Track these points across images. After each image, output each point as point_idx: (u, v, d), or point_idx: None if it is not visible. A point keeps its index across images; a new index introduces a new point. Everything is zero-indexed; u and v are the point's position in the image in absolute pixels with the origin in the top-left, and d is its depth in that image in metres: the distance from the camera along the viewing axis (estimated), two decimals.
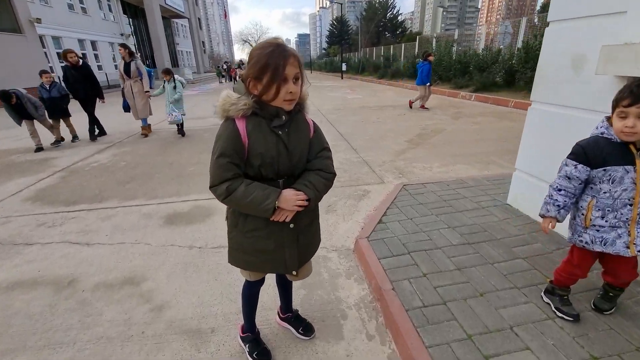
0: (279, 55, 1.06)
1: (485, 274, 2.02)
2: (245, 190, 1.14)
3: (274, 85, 1.08)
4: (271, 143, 1.17)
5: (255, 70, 1.09)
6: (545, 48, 2.34)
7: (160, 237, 2.80)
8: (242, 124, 1.14)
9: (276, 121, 1.17)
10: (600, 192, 1.45)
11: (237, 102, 1.12)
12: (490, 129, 6.44)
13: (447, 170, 4.18)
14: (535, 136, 2.54)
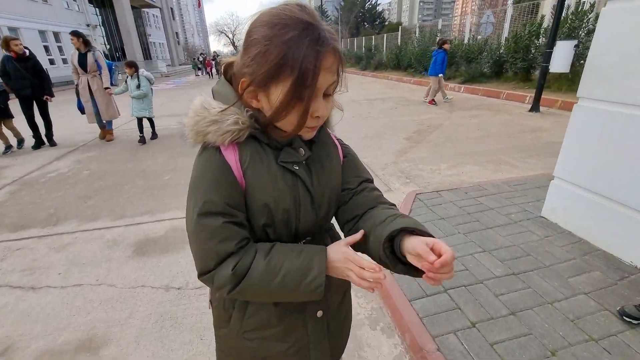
0: (312, 47, 0.56)
1: (547, 319, 1.60)
2: (267, 266, 0.64)
3: (297, 106, 0.60)
4: (284, 187, 0.69)
5: (260, 69, 0.58)
6: (602, 33, 1.92)
7: (128, 275, 2.23)
8: (233, 154, 0.66)
9: (290, 154, 0.70)
10: None
11: (222, 120, 0.63)
12: (489, 123, 6.11)
13: (458, 172, 3.78)
14: (584, 140, 2.13)
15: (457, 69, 12.42)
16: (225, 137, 0.63)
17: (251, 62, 0.59)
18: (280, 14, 0.58)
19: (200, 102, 0.66)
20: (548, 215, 2.47)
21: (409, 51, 16.00)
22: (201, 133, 0.65)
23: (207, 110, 0.65)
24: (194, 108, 0.66)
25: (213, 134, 0.63)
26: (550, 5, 16.39)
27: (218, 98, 0.67)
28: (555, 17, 6.36)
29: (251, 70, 0.59)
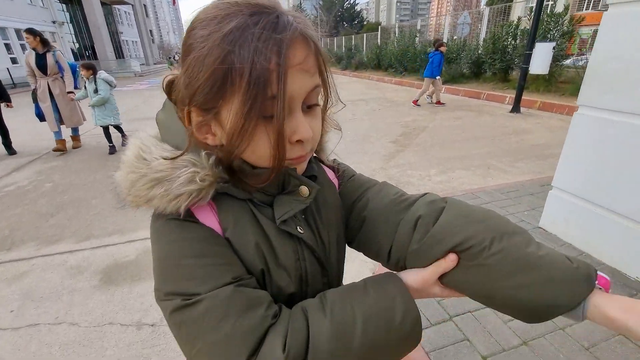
0: (267, 35, 0.38)
1: (562, 349, 1.48)
2: (333, 324, 0.42)
3: (260, 127, 0.42)
4: (287, 260, 0.50)
5: (197, 84, 0.41)
6: (603, 38, 1.82)
7: (93, 310, 1.96)
8: (212, 213, 0.48)
9: (287, 205, 0.50)
10: None
11: (170, 177, 0.44)
12: (473, 125, 6.10)
13: (448, 178, 3.68)
14: (583, 149, 2.05)
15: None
16: (179, 203, 0.44)
17: (188, 79, 0.41)
18: (221, 5, 0.41)
19: (137, 150, 0.46)
20: (547, 226, 2.39)
21: (389, 51, 16.05)
22: (142, 198, 0.45)
23: (145, 162, 0.45)
24: (128, 159, 0.46)
25: (159, 201, 0.44)
26: (521, 7, 16.93)
27: (166, 136, 0.49)
28: (533, 19, 6.44)
29: (190, 90, 0.41)
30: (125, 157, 0.47)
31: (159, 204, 0.44)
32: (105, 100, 4.75)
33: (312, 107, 0.46)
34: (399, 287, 0.47)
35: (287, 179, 0.51)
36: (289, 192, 0.51)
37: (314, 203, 0.56)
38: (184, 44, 0.43)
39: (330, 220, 0.58)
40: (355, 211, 0.61)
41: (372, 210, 0.58)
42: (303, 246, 0.52)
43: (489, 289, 0.46)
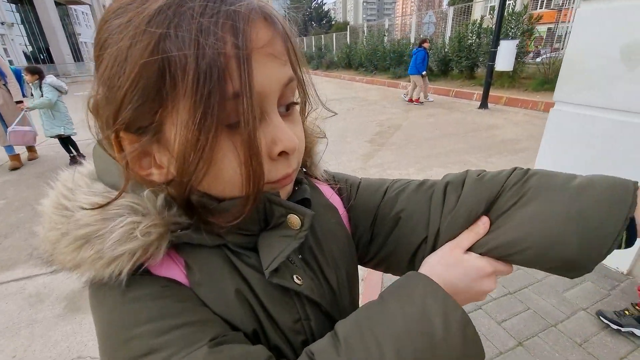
0: (212, 12, 0.27)
1: (556, 347, 1.48)
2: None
3: (223, 139, 0.30)
4: (282, 318, 0.38)
5: (119, 93, 0.28)
6: (578, 35, 1.86)
7: (58, 342, 1.76)
8: (175, 265, 0.35)
9: (275, 244, 0.37)
10: None
11: (101, 232, 0.31)
12: (446, 122, 6.24)
13: (427, 176, 3.67)
14: (560, 144, 2.09)
15: (406, 68, 12.77)
16: (118, 267, 0.31)
17: (107, 89, 0.29)
18: None
19: (57, 197, 0.34)
20: None
21: (359, 50, 16.20)
22: (69, 263, 0.32)
23: (67, 213, 0.32)
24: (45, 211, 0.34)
25: (91, 265, 0.31)
26: (481, 7, 17.66)
27: (103, 173, 0.36)
28: (497, 18, 6.68)
29: (112, 104, 0.29)
30: (43, 208, 0.34)
31: (92, 271, 0.31)
32: (49, 105, 4.10)
33: (290, 107, 0.35)
34: (425, 284, 0.36)
35: (268, 208, 0.37)
36: (275, 226, 0.38)
37: (312, 236, 0.43)
38: (96, 45, 0.31)
39: (335, 253, 0.45)
40: (380, 217, 0.50)
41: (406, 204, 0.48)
42: (304, 301, 0.39)
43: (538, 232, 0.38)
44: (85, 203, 0.32)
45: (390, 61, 13.67)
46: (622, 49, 1.66)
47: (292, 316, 0.38)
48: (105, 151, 0.34)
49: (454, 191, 0.45)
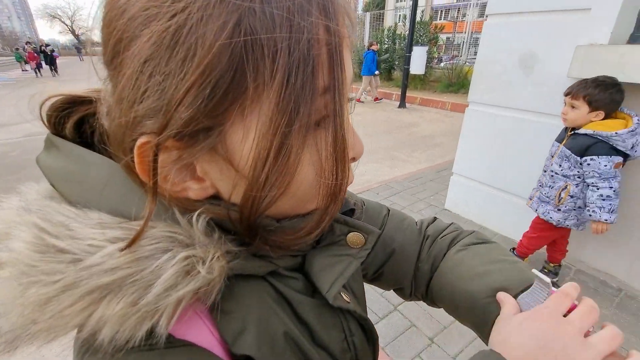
0: (295, 10, 0.22)
1: None
2: None
3: (311, 152, 0.26)
4: (335, 343, 0.35)
5: (179, 100, 0.21)
6: (485, 44, 2.16)
7: None
8: (207, 329, 0.27)
9: (337, 266, 0.35)
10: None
11: (144, 272, 0.24)
12: (372, 121, 6.64)
13: (362, 172, 3.89)
14: (475, 139, 2.41)
15: None
16: (163, 317, 0.24)
17: (146, 82, 0.22)
18: None
19: (34, 235, 0.24)
20: (451, 208, 2.74)
21: None
22: (69, 326, 0.24)
23: (69, 256, 0.23)
24: (20, 259, 0.23)
25: (119, 324, 0.23)
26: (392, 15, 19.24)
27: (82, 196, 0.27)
28: (410, 26, 7.36)
29: (152, 103, 0.22)
30: (9, 257, 0.23)
31: (116, 330, 0.23)
32: None
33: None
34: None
35: (327, 226, 0.32)
36: (330, 244, 0.36)
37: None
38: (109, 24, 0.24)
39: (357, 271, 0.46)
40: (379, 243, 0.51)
41: (401, 244, 0.51)
42: (349, 318, 0.38)
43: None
44: (100, 239, 0.24)
45: None
46: (520, 57, 1.98)
47: (340, 336, 0.37)
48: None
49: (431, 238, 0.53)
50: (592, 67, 1.57)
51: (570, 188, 1.62)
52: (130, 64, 0.22)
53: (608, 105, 1.48)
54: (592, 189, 1.54)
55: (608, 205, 1.51)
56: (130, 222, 0.25)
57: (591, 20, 1.62)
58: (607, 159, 1.48)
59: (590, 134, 1.51)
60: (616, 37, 1.60)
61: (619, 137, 1.45)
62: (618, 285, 1.87)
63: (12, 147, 4.83)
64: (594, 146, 1.50)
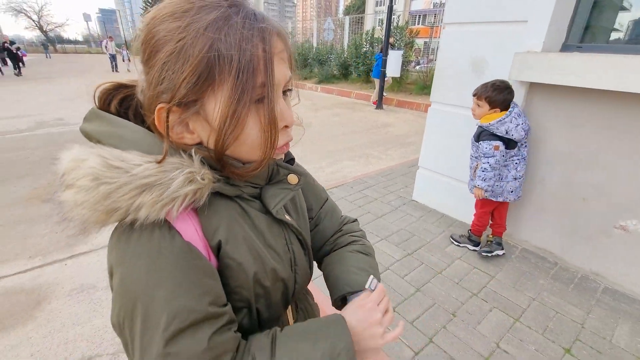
0: (250, 25, 0.41)
1: (442, 287, 1.93)
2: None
3: (252, 114, 0.43)
4: (279, 246, 0.54)
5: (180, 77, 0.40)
6: (443, 50, 2.41)
7: None
8: (192, 224, 0.45)
9: (279, 194, 0.53)
10: None
11: (163, 181, 0.41)
12: (350, 121, 6.89)
13: (338, 169, 4.10)
14: (436, 135, 2.65)
15: (311, 70, 13.45)
16: (173, 206, 0.41)
17: (164, 74, 0.40)
18: (184, 1, 0.41)
19: (100, 160, 0.40)
20: (418, 199, 2.98)
21: None
22: (119, 211, 0.39)
23: (122, 170, 0.39)
24: (91, 172, 0.39)
25: (149, 208, 0.39)
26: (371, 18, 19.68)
27: (125, 145, 0.42)
28: (386, 30, 7.66)
29: (166, 85, 0.40)
30: (88, 169, 0.39)
31: (149, 211, 0.40)
32: None
33: (285, 94, 0.48)
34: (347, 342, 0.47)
35: (275, 169, 0.54)
36: (278, 181, 0.54)
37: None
38: (148, 40, 0.41)
39: (303, 207, 0.66)
40: (316, 216, 0.72)
41: (325, 225, 0.73)
42: (289, 231, 0.56)
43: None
44: (140, 161, 0.41)
45: (296, 63, 14.06)
46: (472, 61, 2.24)
47: (282, 241, 0.55)
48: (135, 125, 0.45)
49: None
50: (527, 71, 1.83)
51: (480, 166, 2.02)
52: (156, 64, 0.41)
53: (502, 104, 1.90)
54: (480, 164, 2.00)
55: (483, 175, 1.96)
56: (149, 156, 0.42)
57: (527, 31, 1.88)
58: (487, 142, 1.93)
59: (480, 125, 1.97)
60: (549, 45, 1.88)
61: (493, 126, 1.89)
62: (554, 260, 2.16)
63: None
64: (482, 133, 1.97)
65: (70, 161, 0.41)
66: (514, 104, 1.90)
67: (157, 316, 0.38)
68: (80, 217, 0.40)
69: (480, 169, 1.98)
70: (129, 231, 0.41)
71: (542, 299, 1.86)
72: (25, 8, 57.70)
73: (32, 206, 3.02)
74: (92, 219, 0.40)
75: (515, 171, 2.00)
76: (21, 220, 2.78)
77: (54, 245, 2.45)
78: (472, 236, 2.28)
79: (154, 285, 0.39)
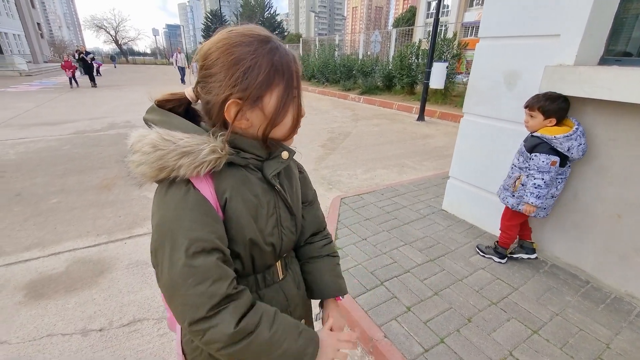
0: (286, 53, 0.63)
1: (461, 294, 1.96)
2: (271, 339, 0.60)
3: (291, 107, 0.65)
4: (269, 207, 0.70)
5: (254, 81, 0.58)
6: (477, 62, 2.45)
7: (24, 325, 1.82)
8: (208, 186, 0.62)
9: (274, 164, 0.70)
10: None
11: (195, 150, 0.58)
12: (389, 131, 6.94)
13: (371, 176, 4.20)
14: (468, 146, 2.67)
15: (355, 81, 13.68)
16: (201, 168, 0.58)
17: (241, 80, 0.58)
18: (248, 33, 0.61)
19: (158, 135, 0.59)
20: (447, 208, 2.99)
21: (312, 62, 16.86)
22: (167, 168, 0.58)
23: (171, 142, 0.58)
24: (151, 141, 0.59)
25: (186, 167, 0.58)
26: (421, 30, 19.46)
27: (172, 128, 0.61)
28: (431, 42, 7.64)
29: (243, 86, 0.59)
30: (149, 140, 0.59)
31: (185, 170, 0.57)
32: None
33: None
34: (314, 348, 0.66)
35: (273, 147, 0.69)
36: (275, 157, 0.70)
37: (285, 172, 0.77)
38: (223, 58, 0.59)
39: (294, 185, 0.82)
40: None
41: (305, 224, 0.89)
42: (278, 198, 0.72)
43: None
44: (183, 137, 0.59)
45: (341, 74, 14.50)
46: (505, 74, 2.26)
47: (272, 203, 0.71)
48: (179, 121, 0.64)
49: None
50: (557, 84, 1.84)
51: (522, 178, 1.98)
52: (234, 74, 0.58)
53: (557, 113, 1.83)
54: (530, 178, 1.91)
55: (537, 192, 1.89)
56: (191, 134, 0.61)
57: (560, 44, 1.89)
58: (545, 156, 1.84)
59: (538, 135, 1.87)
60: (583, 58, 1.86)
61: (557, 140, 1.80)
62: (586, 278, 2.07)
63: (63, 142, 5.52)
64: (539, 145, 1.86)
65: (137, 136, 0.62)
66: (577, 122, 1.83)
67: (180, 241, 0.56)
68: (140, 172, 0.60)
69: (532, 184, 1.89)
70: (167, 187, 0.60)
71: (566, 314, 1.81)
72: (105, 24, 65.44)
73: (102, 194, 3.52)
74: (148, 173, 0.59)
75: (555, 189, 1.97)
76: (93, 204, 3.27)
77: (117, 226, 2.86)
78: (498, 248, 2.27)
79: (178, 219, 0.57)
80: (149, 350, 1.66)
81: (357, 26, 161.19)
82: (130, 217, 3.03)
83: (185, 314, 0.56)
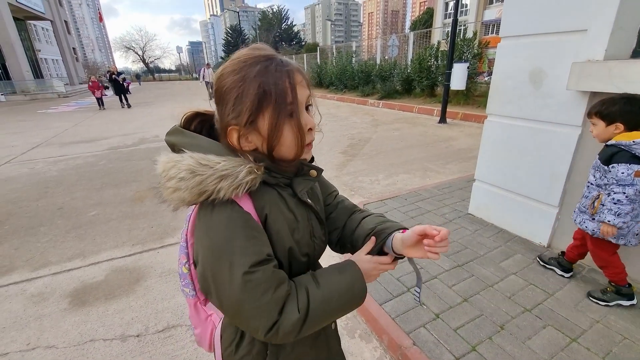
0: (279, 69, 0.61)
1: (492, 300, 1.90)
2: (324, 295, 0.65)
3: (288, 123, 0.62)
4: (303, 223, 0.73)
5: (243, 108, 0.60)
6: (500, 63, 2.40)
7: (69, 331, 1.94)
8: (249, 204, 0.65)
9: (303, 182, 0.72)
10: None
11: (233, 173, 0.61)
12: (410, 135, 6.86)
13: (393, 181, 4.17)
14: (494, 148, 2.61)
15: (373, 86, 13.66)
16: (240, 189, 0.61)
17: (233, 108, 0.61)
18: (242, 58, 0.62)
19: (194, 161, 0.61)
20: (474, 212, 2.92)
21: (329, 70, 17.02)
22: (206, 192, 0.60)
23: (208, 167, 0.60)
24: (188, 167, 0.61)
25: (225, 190, 0.60)
26: (440, 32, 19.16)
27: (204, 151, 0.63)
28: (450, 44, 7.53)
29: (235, 114, 0.61)
30: (185, 166, 0.61)
31: (225, 192, 0.60)
32: None
33: (307, 108, 0.67)
34: (358, 271, 0.71)
35: (300, 166, 0.72)
36: (303, 174, 0.72)
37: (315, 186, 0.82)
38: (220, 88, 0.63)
39: (316, 192, 0.85)
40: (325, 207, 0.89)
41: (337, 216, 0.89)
42: (309, 211, 0.75)
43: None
44: (219, 161, 0.61)
45: (359, 80, 14.52)
46: (530, 73, 2.21)
47: (306, 217, 0.75)
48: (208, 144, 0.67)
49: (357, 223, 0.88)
50: (586, 80, 1.77)
51: (602, 197, 1.67)
52: (227, 103, 0.61)
53: (622, 116, 1.56)
54: (609, 193, 1.63)
55: (617, 208, 1.58)
56: (225, 157, 0.65)
57: (588, 39, 1.83)
58: (626, 166, 1.55)
59: (614, 143, 1.59)
60: (613, 53, 1.79)
61: (638, 146, 1.52)
62: None
63: (99, 158, 5.86)
64: (616, 155, 1.58)
65: (167, 162, 0.65)
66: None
67: (238, 259, 0.59)
68: (178, 198, 0.63)
69: (610, 200, 1.60)
70: (210, 209, 0.62)
71: (608, 322, 1.71)
72: (134, 45, 69.13)
73: (136, 205, 3.71)
74: (187, 199, 0.62)
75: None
76: (127, 216, 3.45)
77: (151, 237, 3.00)
78: (562, 260, 2.08)
79: (232, 239, 0.60)
80: (183, 356, 1.72)
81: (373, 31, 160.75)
82: (162, 228, 3.16)
83: (259, 325, 0.60)
